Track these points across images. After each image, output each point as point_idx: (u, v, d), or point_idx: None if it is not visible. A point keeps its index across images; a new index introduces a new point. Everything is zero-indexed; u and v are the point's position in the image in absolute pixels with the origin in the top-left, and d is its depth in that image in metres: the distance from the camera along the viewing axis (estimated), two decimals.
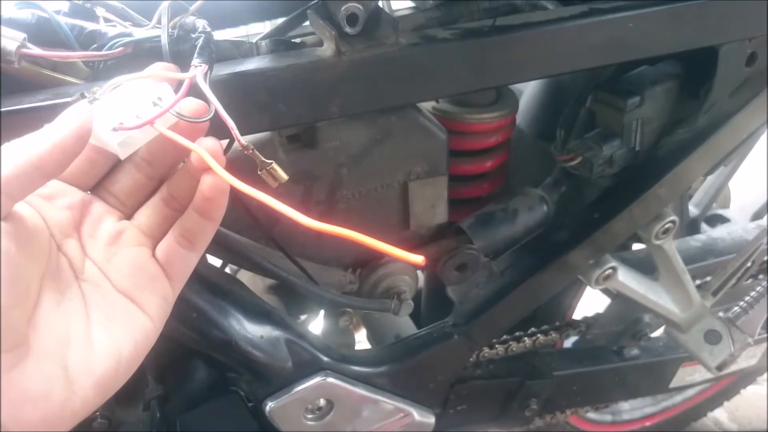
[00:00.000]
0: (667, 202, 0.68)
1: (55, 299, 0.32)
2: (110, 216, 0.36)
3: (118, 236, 0.36)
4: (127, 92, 0.34)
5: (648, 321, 0.88)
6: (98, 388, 0.32)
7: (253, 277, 0.75)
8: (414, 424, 0.70)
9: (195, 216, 0.36)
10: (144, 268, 0.36)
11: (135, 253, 0.36)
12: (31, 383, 0.29)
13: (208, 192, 0.35)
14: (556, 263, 0.67)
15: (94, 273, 0.34)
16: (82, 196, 0.36)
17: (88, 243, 0.35)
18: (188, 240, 0.37)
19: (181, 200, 0.37)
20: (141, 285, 0.36)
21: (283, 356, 0.60)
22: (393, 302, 0.64)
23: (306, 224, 0.29)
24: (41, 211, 0.33)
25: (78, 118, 0.30)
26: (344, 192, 0.57)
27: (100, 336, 0.33)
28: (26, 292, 0.29)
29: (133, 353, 0.34)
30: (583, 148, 0.63)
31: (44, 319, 0.30)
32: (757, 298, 0.77)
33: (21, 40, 0.38)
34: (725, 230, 0.95)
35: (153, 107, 0.34)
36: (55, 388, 0.30)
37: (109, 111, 0.33)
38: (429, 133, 0.57)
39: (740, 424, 1.25)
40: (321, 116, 0.48)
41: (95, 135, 0.32)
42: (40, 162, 0.29)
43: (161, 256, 0.37)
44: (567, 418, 0.95)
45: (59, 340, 0.31)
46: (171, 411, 0.63)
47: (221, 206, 0.36)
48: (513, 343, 0.77)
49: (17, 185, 0.28)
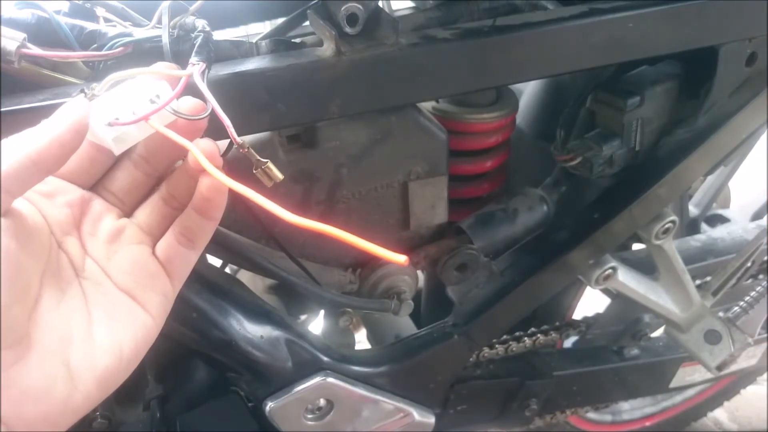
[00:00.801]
0: (667, 202, 0.68)
1: (55, 297, 0.32)
2: (110, 214, 0.36)
3: (118, 234, 0.36)
4: (126, 90, 0.34)
5: (648, 321, 0.88)
6: (100, 385, 0.32)
7: (253, 277, 0.75)
8: (414, 424, 0.70)
9: (194, 215, 0.36)
10: (144, 265, 0.36)
11: (135, 251, 0.36)
12: (32, 380, 0.29)
13: (207, 192, 0.35)
14: (556, 263, 0.67)
15: (94, 271, 0.35)
16: (82, 194, 0.36)
17: (89, 241, 0.35)
18: (188, 238, 0.37)
19: (180, 199, 0.38)
20: (142, 282, 0.36)
21: (283, 356, 0.60)
22: (393, 302, 0.64)
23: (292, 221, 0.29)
24: (41, 209, 0.33)
25: (75, 113, 0.30)
26: (344, 192, 0.57)
27: (101, 333, 0.33)
28: (26, 289, 0.29)
29: (134, 350, 0.34)
30: (583, 148, 0.63)
31: (45, 316, 0.30)
32: (757, 298, 0.77)
33: (21, 40, 0.38)
34: (725, 230, 0.95)
35: (150, 104, 0.34)
36: (57, 384, 0.30)
37: (106, 107, 0.33)
38: (429, 133, 0.57)
39: (740, 424, 1.25)
40: (321, 116, 0.48)
41: (91, 130, 0.32)
42: (38, 157, 0.29)
43: (161, 254, 0.37)
44: (567, 418, 0.95)
45: (60, 336, 0.31)
46: (171, 411, 0.63)
47: (220, 206, 0.36)
48: (513, 343, 0.77)
49: (16, 181, 0.28)
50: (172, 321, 0.38)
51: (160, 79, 0.36)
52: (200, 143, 0.34)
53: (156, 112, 0.34)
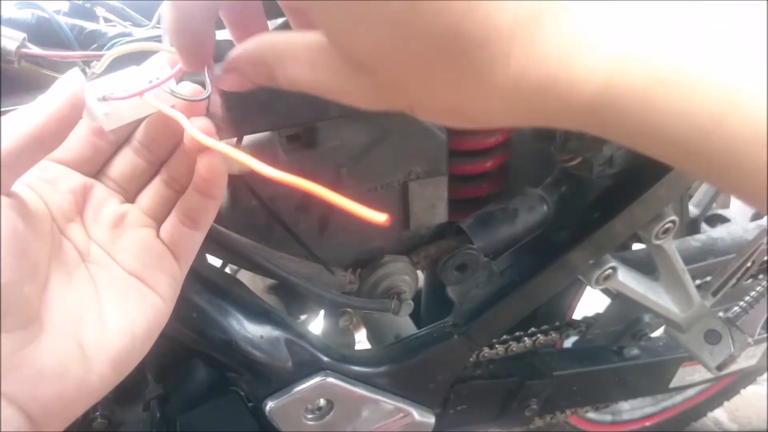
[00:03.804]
0: (667, 202, 0.68)
1: (63, 280, 0.31)
2: (113, 199, 0.36)
3: (121, 219, 0.36)
4: (125, 73, 0.34)
5: (648, 321, 0.88)
6: (115, 365, 0.32)
7: (253, 277, 0.75)
8: (414, 424, 0.70)
9: (196, 195, 0.36)
10: (150, 247, 0.36)
11: (140, 234, 0.36)
12: (46, 360, 0.28)
13: (206, 172, 0.35)
14: (556, 263, 0.67)
15: (100, 256, 0.34)
16: (84, 181, 0.35)
17: (92, 226, 0.35)
18: (191, 219, 0.37)
19: (181, 181, 0.37)
20: (149, 264, 0.35)
21: (283, 356, 0.60)
22: (393, 302, 0.64)
23: (268, 175, 0.28)
24: (42, 195, 0.33)
25: (70, 86, 0.30)
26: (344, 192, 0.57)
27: (113, 314, 0.32)
28: (35, 269, 0.29)
29: (147, 331, 0.34)
30: (583, 148, 0.62)
31: (55, 299, 0.30)
32: (757, 298, 0.77)
33: (21, 40, 0.38)
34: (725, 230, 0.94)
35: (147, 83, 0.34)
36: (72, 365, 0.29)
37: (102, 85, 0.33)
38: (429, 133, 0.57)
39: (740, 424, 1.25)
40: (321, 116, 0.48)
41: (86, 108, 0.32)
42: (38, 133, 0.28)
43: (166, 236, 0.37)
44: (567, 418, 0.95)
45: (72, 318, 0.30)
46: (171, 411, 0.63)
47: (221, 185, 0.36)
48: (513, 343, 0.77)
49: (17, 159, 0.28)
50: (172, 321, 0.38)
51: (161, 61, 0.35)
52: (196, 121, 0.34)
53: (151, 89, 0.33)
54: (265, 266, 0.55)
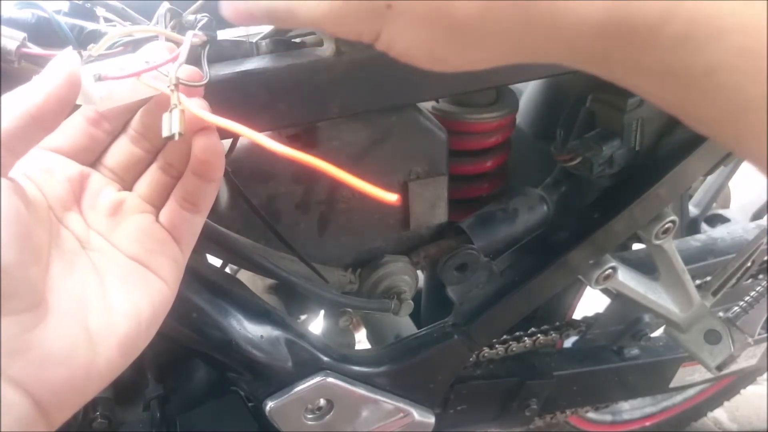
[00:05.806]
0: (667, 202, 0.68)
1: (65, 268, 0.31)
2: (110, 187, 0.36)
3: (119, 206, 0.36)
4: (122, 58, 0.34)
5: (648, 321, 0.88)
6: (121, 350, 0.32)
7: (253, 277, 0.75)
8: (414, 424, 0.70)
9: (194, 179, 0.36)
10: (150, 232, 0.36)
11: (139, 219, 0.36)
12: (53, 343, 0.28)
13: (202, 154, 0.34)
14: (556, 263, 0.67)
15: (100, 243, 0.34)
16: (81, 170, 0.35)
17: (90, 215, 0.35)
18: (190, 203, 0.37)
19: (178, 167, 0.37)
20: (150, 248, 0.35)
21: (283, 356, 0.60)
22: (393, 302, 0.64)
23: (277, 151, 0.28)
24: (40, 185, 0.32)
25: (66, 66, 0.30)
26: (344, 192, 0.57)
27: (117, 299, 0.32)
28: (39, 251, 0.29)
29: (152, 315, 0.34)
30: (583, 148, 0.63)
31: (59, 285, 0.30)
32: (757, 298, 0.77)
33: (21, 40, 0.38)
34: (725, 230, 0.95)
35: (144, 65, 0.33)
36: (79, 348, 0.29)
37: (98, 66, 0.33)
38: (429, 133, 0.57)
39: (740, 424, 1.25)
40: (321, 116, 0.48)
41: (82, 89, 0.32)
42: (37, 112, 0.28)
43: (165, 221, 0.37)
44: (567, 418, 0.95)
45: (77, 303, 0.30)
46: (171, 411, 0.63)
47: (218, 166, 0.36)
48: (513, 343, 0.77)
49: (17, 139, 0.28)
50: (172, 321, 0.38)
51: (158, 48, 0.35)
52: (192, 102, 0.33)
53: (147, 71, 0.33)
54: (265, 266, 0.55)
